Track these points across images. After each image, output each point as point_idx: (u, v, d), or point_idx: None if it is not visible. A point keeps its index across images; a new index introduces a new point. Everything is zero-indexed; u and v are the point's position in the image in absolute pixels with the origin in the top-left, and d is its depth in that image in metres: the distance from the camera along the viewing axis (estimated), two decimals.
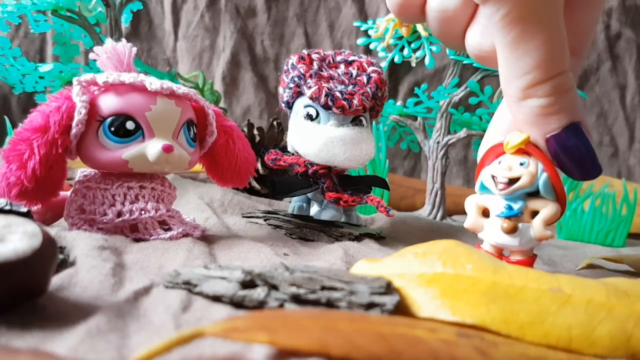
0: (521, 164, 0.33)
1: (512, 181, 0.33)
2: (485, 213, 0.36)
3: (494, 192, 0.35)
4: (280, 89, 0.45)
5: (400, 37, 0.60)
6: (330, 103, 0.41)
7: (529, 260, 0.35)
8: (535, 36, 0.29)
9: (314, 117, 0.42)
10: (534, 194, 0.34)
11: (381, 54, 0.62)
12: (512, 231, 0.34)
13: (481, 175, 0.36)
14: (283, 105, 0.45)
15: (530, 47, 0.29)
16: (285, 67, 0.44)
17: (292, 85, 0.43)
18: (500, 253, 0.36)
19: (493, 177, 0.34)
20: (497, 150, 0.35)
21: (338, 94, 0.41)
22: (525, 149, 0.33)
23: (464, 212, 0.80)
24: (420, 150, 0.68)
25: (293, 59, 0.43)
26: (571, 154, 0.32)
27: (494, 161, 0.35)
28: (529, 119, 0.31)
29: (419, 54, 0.59)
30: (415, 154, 0.98)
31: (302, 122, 0.42)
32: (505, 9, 0.29)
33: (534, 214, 0.34)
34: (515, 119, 0.33)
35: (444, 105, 0.62)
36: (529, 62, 0.29)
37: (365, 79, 0.43)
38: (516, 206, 0.34)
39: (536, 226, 0.34)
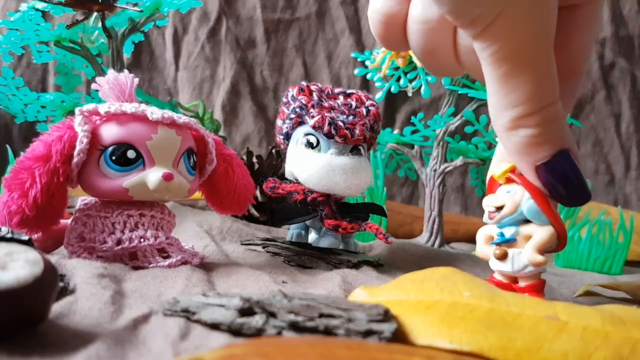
0: (507, 192, 0.34)
1: (499, 209, 0.34)
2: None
3: (486, 221, 0.36)
4: (279, 122, 0.45)
5: (397, 68, 0.61)
6: (333, 132, 0.41)
7: (534, 285, 0.35)
8: (524, 72, 0.29)
9: (314, 145, 0.42)
10: (529, 220, 0.34)
11: (378, 84, 0.63)
12: (502, 257, 0.35)
13: None
14: (281, 138, 0.45)
15: (519, 81, 0.29)
16: (284, 100, 0.45)
17: (293, 115, 0.43)
18: (513, 280, 0.36)
19: (486, 207, 0.35)
20: (497, 182, 0.36)
21: (340, 123, 0.41)
22: (513, 178, 0.34)
23: (461, 240, 0.80)
24: (417, 177, 0.69)
25: (292, 91, 0.44)
26: (561, 181, 0.32)
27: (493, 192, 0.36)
28: (518, 148, 0.31)
29: (415, 83, 0.60)
30: (412, 182, 0.99)
31: (303, 150, 0.43)
32: (495, 46, 0.28)
33: (529, 239, 0.34)
34: (505, 148, 0.33)
35: (441, 134, 0.63)
36: (518, 96, 0.29)
37: (364, 110, 0.43)
38: (508, 233, 0.35)
39: (527, 251, 0.34)
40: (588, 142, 1.00)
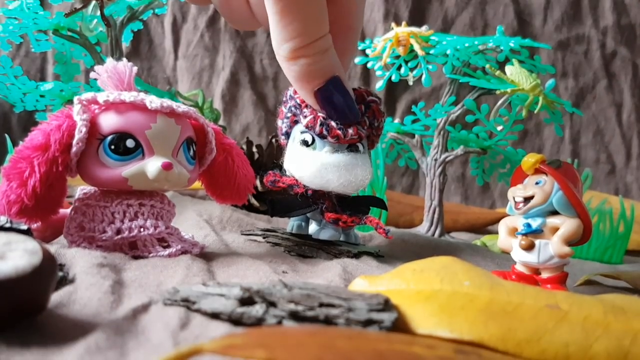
0: (537, 183, 0.34)
1: (527, 200, 0.34)
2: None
3: (514, 211, 0.36)
4: (279, 121, 0.45)
5: (398, 57, 0.61)
6: (325, 132, 0.41)
7: (558, 277, 0.35)
8: (299, 9, 0.35)
9: (309, 143, 0.42)
10: (556, 212, 0.35)
11: (378, 73, 0.62)
12: (529, 248, 0.35)
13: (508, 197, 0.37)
14: (283, 138, 0.45)
15: (296, 17, 0.35)
16: (283, 98, 0.44)
17: (289, 114, 0.43)
18: (535, 272, 0.36)
19: (513, 197, 0.36)
20: (522, 173, 0.36)
21: (333, 124, 0.41)
22: (542, 169, 0.34)
23: (461, 229, 0.80)
24: (418, 167, 0.68)
25: (290, 89, 0.43)
26: (334, 102, 0.39)
27: (519, 183, 0.36)
28: (299, 76, 0.37)
29: (416, 72, 0.60)
30: (413, 171, 0.99)
31: (298, 148, 0.42)
32: None
33: (556, 231, 0.34)
34: (289, 78, 0.38)
35: (441, 123, 0.62)
36: (296, 29, 0.35)
37: (363, 108, 0.43)
38: (535, 224, 0.35)
39: (554, 242, 0.34)
40: (589, 132, 1.00)
